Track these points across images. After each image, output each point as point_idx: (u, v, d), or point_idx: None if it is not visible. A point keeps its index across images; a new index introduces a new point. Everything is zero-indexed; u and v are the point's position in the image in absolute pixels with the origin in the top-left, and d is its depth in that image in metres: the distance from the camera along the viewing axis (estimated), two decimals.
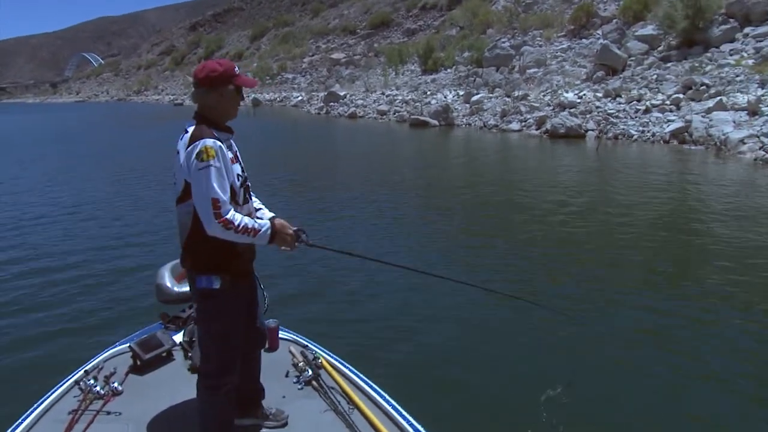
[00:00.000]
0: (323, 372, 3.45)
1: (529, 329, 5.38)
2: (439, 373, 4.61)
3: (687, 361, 4.88)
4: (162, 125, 32.80)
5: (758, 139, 14.92)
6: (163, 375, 3.55)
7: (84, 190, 13.28)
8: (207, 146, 2.57)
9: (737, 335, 5.31)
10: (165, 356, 3.67)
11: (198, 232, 2.66)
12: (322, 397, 3.22)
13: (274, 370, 3.48)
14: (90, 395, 3.23)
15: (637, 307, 6.02)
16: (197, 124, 2.69)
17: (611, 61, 25.10)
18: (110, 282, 7.01)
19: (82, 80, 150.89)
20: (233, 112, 2.81)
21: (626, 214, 9.82)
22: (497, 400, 4.25)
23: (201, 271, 2.73)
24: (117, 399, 3.25)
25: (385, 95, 37.33)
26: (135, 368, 3.56)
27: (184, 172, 2.63)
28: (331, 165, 17.70)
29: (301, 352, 3.62)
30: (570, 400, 4.14)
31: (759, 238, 8.17)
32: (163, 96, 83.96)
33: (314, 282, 6.83)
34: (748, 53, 21.00)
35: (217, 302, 2.75)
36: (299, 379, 3.39)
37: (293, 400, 3.23)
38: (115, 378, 3.41)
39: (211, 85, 2.70)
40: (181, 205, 2.70)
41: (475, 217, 10.29)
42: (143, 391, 3.34)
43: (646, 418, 4.06)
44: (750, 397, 4.32)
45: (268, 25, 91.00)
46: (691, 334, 5.39)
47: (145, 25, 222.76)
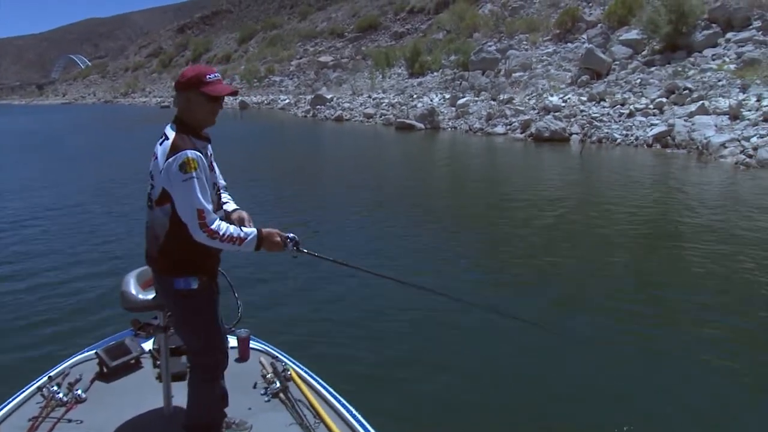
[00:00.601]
0: (292, 384, 3.39)
1: (502, 340, 5.32)
2: (408, 388, 4.54)
3: (664, 364, 4.90)
4: (146, 129, 32.63)
5: (739, 143, 15.04)
6: (130, 383, 3.47)
7: (57, 195, 13.02)
8: (189, 158, 2.58)
9: (719, 336, 5.36)
10: (133, 363, 3.60)
11: (176, 235, 2.67)
12: (289, 410, 3.17)
13: (243, 381, 3.42)
14: (52, 402, 3.16)
15: (615, 310, 6.03)
16: (177, 131, 2.68)
17: (596, 65, 25.26)
18: (81, 288, 6.89)
19: (69, 82, 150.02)
20: (205, 119, 2.77)
21: (609, 218, 9.87)
22: (467, 416, 4.20)
23: (178, 274, 2.75)
24: (80, 406, 3.18)
25: (371, 98, 37.36)
26: (101, 375, 3.48)
27: (163, 180, 2.63)
28: (316, 168, 17.69)
29: (271, 364, 3.56)
30: (541, 407, 4.15)
31: (740, 241, 8.22)
32: (150, 98, 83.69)
33: (288, 291, 6.74)
34: (730, 58, 21.20)
35: (196, 301, 2.81)
36: (267, 391, 3.33)
37: (259, 413, 3.18)
38: (80, 385, 3.34)
39: (179, 89, 2.73)
40: (158, 209, 2.69)
41: (457, 224, 10.30)
42: (108, 399, 3.27)
43: (611, 420, 4.08)
44: (735, 397, 4.35)
45: (256, 28, 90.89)
46: (669, 337, 5.42)
47: (132, 27, 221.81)
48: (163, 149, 2.64)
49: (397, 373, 4.80)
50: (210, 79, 2.73)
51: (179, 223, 2.65)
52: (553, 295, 6.54)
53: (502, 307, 6.06)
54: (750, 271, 7.05)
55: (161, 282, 2.85)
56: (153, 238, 2.78)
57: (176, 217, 2.65)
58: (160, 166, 2.62)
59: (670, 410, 4.19)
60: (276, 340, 4.07)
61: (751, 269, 7.10)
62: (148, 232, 2.84)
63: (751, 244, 8.04)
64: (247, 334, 3.76)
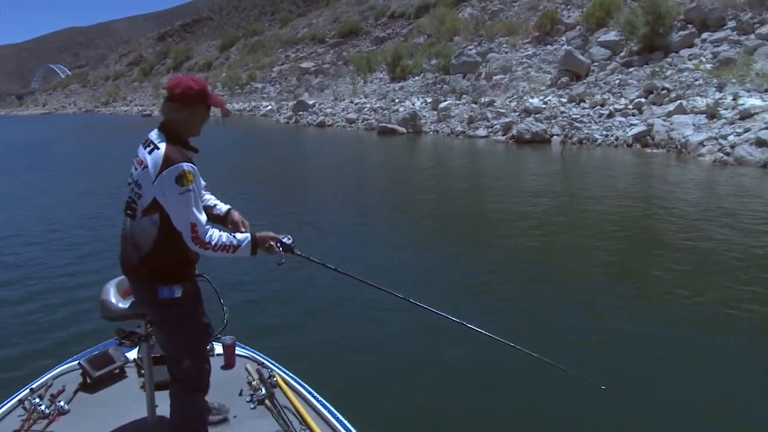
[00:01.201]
0: (278, 391, 3.36)
1: (487, 345, 5.38)
2: (395, 394, 4.56)
3: (648, 358, 4.98)
4: (128, 138, 32.39)
5: (717, 142, 15.24)
6: (114, 393, 3.42)
7: (37, 206, 12.87)
8: (186, 171, 2.59)
9: (704, 328, 5.48)
10: (117, 373, 3.55)
11: (163, 244, 2.67)
12: (275, 416, 3.13)
13: (228, 388, 3.39)
14: (34, 415, 3.10)
15: (599, 307, 6.12)
16: (168, 141, 2.68)
17: (575, 67, 25.47)
18: (63, 298, 6.83)
19: (49, 92, 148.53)
20: (199, 130, 2.83)
21: (591, 218, 9.98)
22: (453, 422, 4.21)
23: (160, 282, 2.73)
24: (62, 418, 3.13)
25: (353, 103, 37.37)
26: (84, 386, 3.43)
27: (155, 191, 2.61)
28: (298, 174, 17.69)
29: (257, 370, 3.53)
30: (524, 412, 4.19)
31: (720, 237, 8.35)
32: (131, 107, 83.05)
33: (274, 297, 6.73)
34: (706, 58, 21.47)
35: (181, 309, 2.80)
36: (253, 398, 3.30)
37: (244, 420, 3.15)
38: (63, 396, 3.28)
39: (185, 102, 2.72)
40: (145, 218, 2.67)
41: (440, 227, 10.37)
42: (91, 410, 3.22)
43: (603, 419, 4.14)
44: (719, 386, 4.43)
45: (237, 35, 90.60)
46: (654, 332, 5.50)
47: (113, 36, 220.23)
48: (154, 159, 2.62)
49: (384, 378, 4.81)
50: (210, 91, 2.81)
51: (168, 232, 2.65)
52: (537, 294, 6.61)
53: (484, 311, 6.16)
54: (730, 263, 7.20)
55: (141, 292, 2.82)
56: (133, 247, 2.74)
57: (165, 227, 2.65)
58: (152, 176, 2.60)
59: (655, 403, 4.26)
60: (262, 347, 4.05)
61: (731, 262, 7.24)
62: (125, 241, 2.80)
63: (731, 239, 8.18)
64: (233, 340, 3.73)
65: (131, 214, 2.73)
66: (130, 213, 2.73)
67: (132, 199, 2.72)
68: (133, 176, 2.72)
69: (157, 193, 2.61)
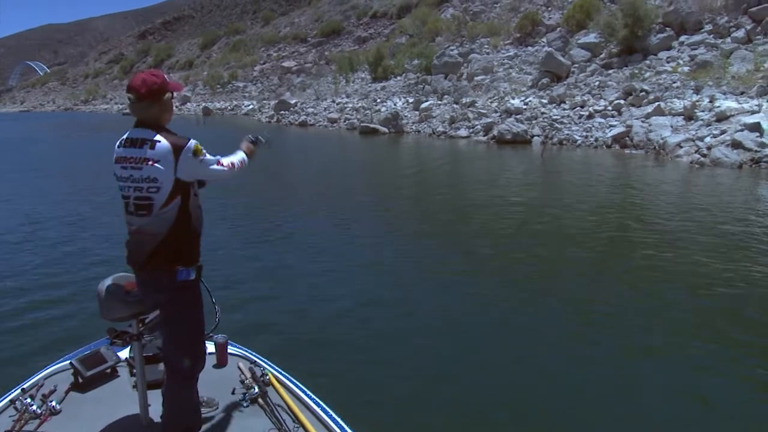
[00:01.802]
0: (271, 389, 3.37)
1: (480, 341, 5.48)
2: (388, 391, 4.58)
3: (628, 358, 5.08)
4: (111, 136, 32.08)
5: (694, 143, 15.49)
6: (106, 393, 3.42)
7: (24, 206, 12.79)
8: (196, 144, 2.82)
9: (683, 325, 5.58)
10: (109, 373, 3.56)
11: (180, 230, 2.82)
12: (268, 415, 3.14)
13: (221, 387, 3.39)
14: (26, 415, 3.09)
15: (579, 306, 6.22)
16: (160, 132, 2.81)
17: (556, 68, 25.71)
18: (54, 297, 6.81)
19: (27, 89, 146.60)
20: (170, 116, 2.99)
21: (570, 217, 10.10)
22: (445, 418, 4.23)
23: (180, 264, 2.85)
24: (54, 418, 3.13)
25: (335, 103, 37.38)
26: (76, 386, 3.42)
27: (177, 177, 2.77)
28: (279, 173, 17.65)
29: (250, 369, 3.54)
30: (519, 408, 4.26)
31: (697, 235, 8.53)
32: (111, 105, 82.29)
33: (266, 295, 6.75)
34: (684, 60, 21.80)
35: (193, 292, 2.94)
36: (245, 397, 3.30)
37: (237, 419, 3.16)
38: (54, 396, 3.27)
39: (154, 97, 2.84)
40: (167, 207, 2.78)
41: (421, 226, 10.45)
42: (83, 410, 3.22)
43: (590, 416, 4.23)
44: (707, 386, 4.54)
45: (218, 33, 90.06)
46: (635, 330, 5.61)
47: (92, 33, 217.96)
48: (162, 152, 2.75)
49: (377, 376, 4.84)
50: (167, 77, 2.97)
51: (185, 213, 2.84)
52: (518, 295, 6.69)
53: (468, 308, 6.25)
54: (705, 260, 7.36)
55: (159, 278, 2.88)
56: (149, 238, 2.83)
57: (184, 210, 2.83)
58: (170, 166, 2.75)
59: (637, 407, 4.36)
60: (254, 345, 4.06)
61: (706, 259, 7.40)
62: (137, 236, 2.88)
63: (705, 239, 8.34)
64: (225, 339, 3.74)
65: (144, 213, 2.81)
66: (144, 212, 2.81)
67: (144, 197, 2.80)
68: (136, 176, 2.79)
69: (181, 175, 2.78)
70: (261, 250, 8.74)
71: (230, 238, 9.18)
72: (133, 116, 2.92)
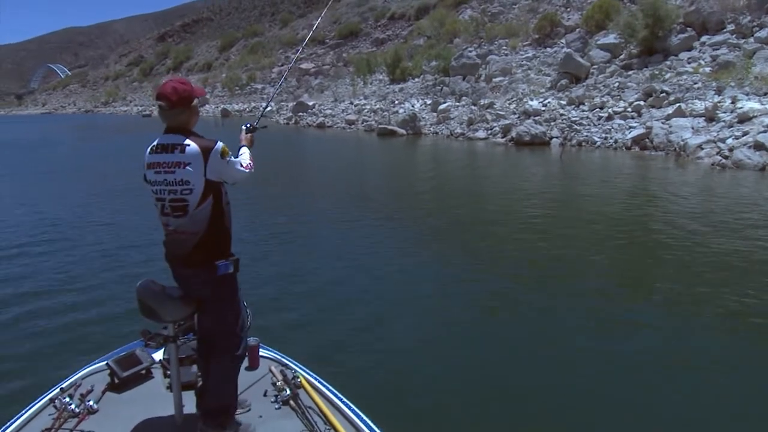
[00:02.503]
0: (302, 392, 3.40)
1: (512, 345, 5.46)
2: (421, 394, 4.57)
3: (650, 358, 5.03)
4: (131, 138, 32.42)
5: (715, 145, 15.30)
6: (141, 393, 3.48)
7: (58, 207, 12.92)
8: (223, 146, 2.96)
9: (705, 326, 5.51)
10: (144, 374, 3.62)
11: (215, 226, 2.99)
12: (299, 417, 3.17)
13: (253, 389, 3.45)
14: (65, 413, 3.16)
15: (601, 307, 6.17)
16: (188, 137, 2.95)
17: (575, 70, 25.54)
18: (90, 300, 6.90)
19: (49, 92, 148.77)
20: (197, 120, 3.13)
21: (589, 220, 10.03)
22: (477, 422, 4.21)
23: (219, 259, 3.01)
24: (91, 417, 3.18)
25: (353, 105, 37.48)
26: (112, 386, 3.49)
27: (207, 178, 2.92)
28: (298, 175, 17.73)
29: (281, 371, 3.57)
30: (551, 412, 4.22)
31: (717, 240, 8.40)
32: (131, 107, 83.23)
33: (296, 298, 6.77)
34: (705, 61, 21.54)
35: (232, 283, 3.12)
36: (277, 399, 3.34)
37: (270, 420, 3.19)
38: (91, 396, 3.34)
39: (185, 104, 2.98)
40: (201, 206, 2.94)
41: (441, 228, 10.40)
42: (119, 410, 3.28)
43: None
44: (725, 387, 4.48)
45: (237, 36, 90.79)
46: (652, 335, 5.55)
47: (113, 36, 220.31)
48: (192, 155, 2.90)
49: (409, 379, 4.83)
50: (194, 85, 3.11)
51: (219, 210, 3.00)
52: (544, 295, 6.66)
53: (497, 311, 6.22)
54: (726, 265, 7.26)
55: (200, 275, 3.03)
56: (189, 237, 2.98)
57: (217, 208, 2.99)
58: (201, 169, 2.89)
59: (652, 404, 4.31)
60: (285, 348, 4.09)
61: (727, 264, 7.30)
62: (175, 237, 3.01)
63: (727, 243, 8.22)
64: (257, 342, 3.77)
65: (180, 214, 2.96)
66: (180, 213, 2.96)
67: (178, 199, 2.94)
68: (170, 180, 2.94)
69: (211, 176, 2.92)
70: (290, 254, 8.77)
71: (258, 242, 9.21)
72: (163, 122, 3.04)
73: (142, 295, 3.04)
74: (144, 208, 2.91)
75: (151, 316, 3.04)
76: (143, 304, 3.03)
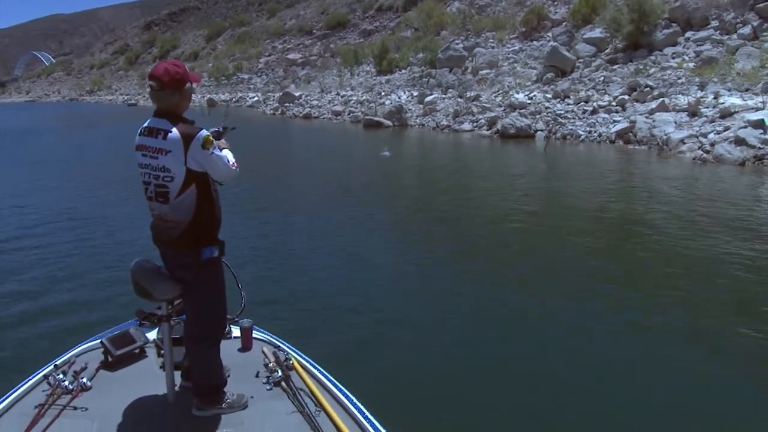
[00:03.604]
0: (293, 373, 3.45)
1: (501, 330, 5.55)
2: (410, 377, 4.65)
3: (633, 349, 5.12)
4: (117, 127, 32.20)
5: (697, 139, 15.47)
6: (134, 372, 3.55)
7: (54, 192, 13.05)
8: (206, 135, 2.95)
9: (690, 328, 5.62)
10: (137, 353, 3.68)
11: (202, 211, 3.00)
12: (290, 398, 3.22)
13: (245, 370, 3.50)
14: (58, 390, 3.22)
15: (585, 299, 6.27)
16: (174, 123, 2.93)
17: (560, 63, 25.66)
18: (85, 279, 7.05)
19: (33, 79, 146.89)
20: (188, 105, 3.13)
21: (571, 214, 10.15)
22: (466, 404, 4.28)
23: (205, 245, 3.05)
24: (85, 394, 3.25)
25: (340, 96, 37.40)
26: (106, 364, 3.55)
27: (188, 166, 2.90)
28: (284, 166, 17.73)
29: (273, 353, 3.63)
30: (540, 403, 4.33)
31: (697, 233, 8.56)
32: (116, 96, 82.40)
33: (290, 281, 6.89)
34: (689, 56, 21.74)
35: (216, 268, 3.15)
36: (269, 380, 3.39)
37: (261, 401, 3.25)
38: (85, 373, 3.41)
39: (176, 86, 2.98)
40: (182, 195, 2.93)
41: (425, 219, 10.48)
42: (112, 387, 3.34)
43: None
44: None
45: (224, 25, 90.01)
46: (634, 330, 5.65)
47: (98, 24, 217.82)
48: (173, 142, 2.88)
49: (399, 362, 4.92)
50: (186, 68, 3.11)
51: (205, 198, 3.00)
52: (519, 290, 6.75)
53: (459, 308, 6.30)
54: (705, 258, 7.42)
55: (185, 258, 3.06)
56: (172, 224, 2.99)
57: (202, 195, 2.98)
58: (180, 156, 2.88)
59: (644, 395, 4.41)
60: (278, 330, 4.14)
61: (706, 257, 7.46)
62: (160, 222, 3.04)
63: (707, 236, 8.36)
64: (250, 324, 3.83)
65: (162, 200, 2.98)
66: (162, 199, 2.98)
67: (161, 185, 2.96)
68: (153, 165, 2.95)
69: (191, 165, 2.91)
70: (285, 238, 8.93)
71: (254, 227, 9.37)
72: (153, 104, 3.05)
73: (136, 274, 3.10)
74: (138, 191, 2.97)
75: (144, 296, 3.10)
76: (137, 283, 3.09)
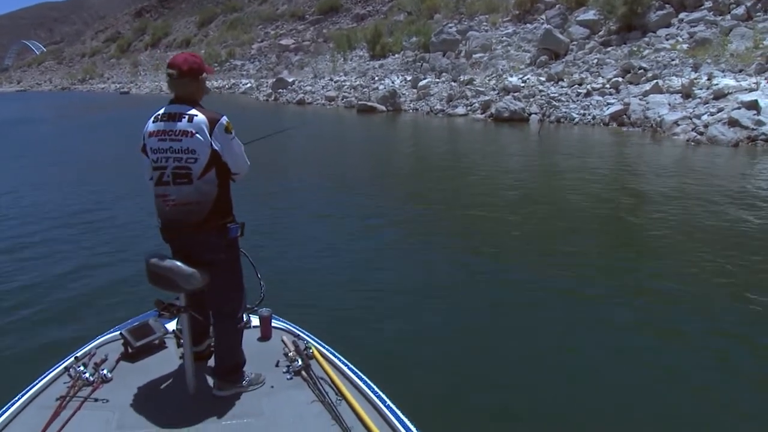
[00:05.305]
0: (314, 362, 3.44)
1: (521, 327, 5.41)
2: (431, 366, 4.62)
3: (622, 343, 5.15)
4: (113, 115, 31.96)
5: (691, 121, 15.48)
6: (154, 363, 3.54)
7: (73, 182, 12.96)
8: (228, 122, 3.09)
9: (681, 303, 5.65)
10: (157, 344, 3.68)
11: (223, 193, 3.13)
12: (311, 387, 3.21)
13: (265, 360, 3.49)
14: (79, 382, 3.22)
15: (581, 282, 6.26)
16: (197, 107, 3.09)
17: (554, 46, 25.61)
18: (105, 270, 7.01)
19: (23, 69, 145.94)
20: (203, 95, 3.26)
21: (566, 196, 10.13)
22: (490, 394, 4.26)
23: (229, 223, 3.18)
24: (105, 386, 3.25)
25: (333, 81, 37.24)
26: (126, 355, 3.56)
27: (212, 147, 3.02)
28: (278, 151, 17.64)
29: (293, 342, 3.60)
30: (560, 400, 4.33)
31: (691, 213, 8.59)
32: (108, 84, 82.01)
33: (310, 270, 6.84)
34: (683, 38, 21.71)
35: (237, 247, 3.29)
36: (289, 369, 3.38)
37: (281, 390, 3.24)
38: (105, 365, 3.40)
39: (194, 75, 3.13)
40: (205, 176, 3.04)
41: (419, 203, 10.46)
42: (132, 379, 3.33)
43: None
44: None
45: (216, 11, 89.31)
46: (626, 313, 5.67)
47: (88, 11, 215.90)
48: (199, 125, 3.02)
49: (420, 350, 4.89)
50: None
51: (224, 179, 3.13)
52: (513, 274, 6.76)
53: (453, 293, 6.30)
54: (699, 237, 7.44)
55: (211, 240, 3.13)
56: (196, 206, 3.06)
57: (222, 176, 3.10)
58: (207, 138, 3.01)
59: (637, 383, 4.44)
60: (298, 319, 4.12)
61: (700, 236, 7.50)
62: (181, 207, 3.06)
63: (701, 215, 8.40)
64: (269, 313, 3.82)
65: (185, 181, 3.04)
66: (184, 180, 3.04)
67: (183, 167, 3.04)
68: (176, 147, 3.04)
69: (215, 147, 3.03)
70: (303, 227, 8.88)
71: (270, 217, 9.27)
72: (171, 92, 3.17)
73: (156, 266, 3.07)
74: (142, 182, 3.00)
75: (167, 286, 3.09)
76: (157, 275, 3.07)
